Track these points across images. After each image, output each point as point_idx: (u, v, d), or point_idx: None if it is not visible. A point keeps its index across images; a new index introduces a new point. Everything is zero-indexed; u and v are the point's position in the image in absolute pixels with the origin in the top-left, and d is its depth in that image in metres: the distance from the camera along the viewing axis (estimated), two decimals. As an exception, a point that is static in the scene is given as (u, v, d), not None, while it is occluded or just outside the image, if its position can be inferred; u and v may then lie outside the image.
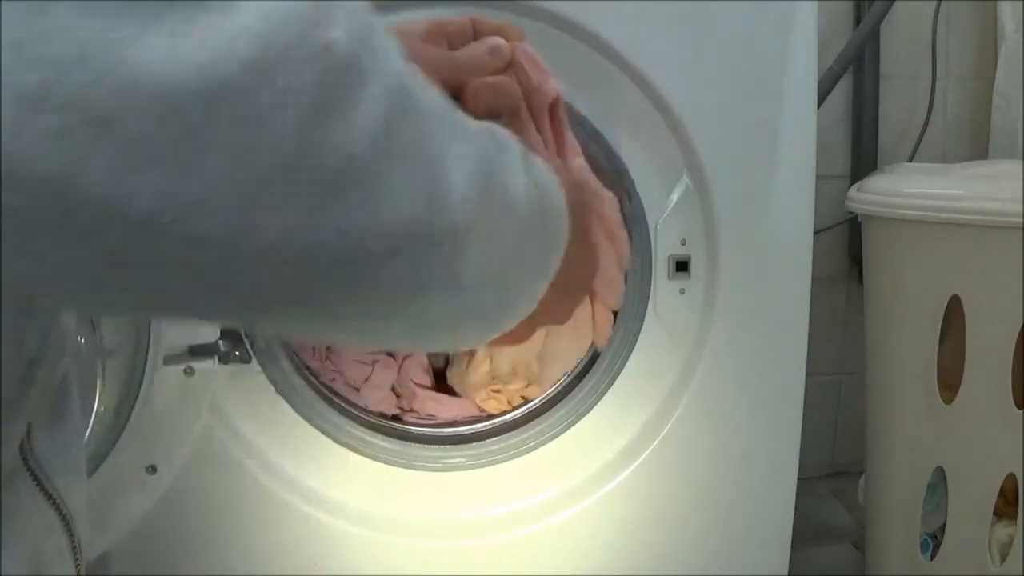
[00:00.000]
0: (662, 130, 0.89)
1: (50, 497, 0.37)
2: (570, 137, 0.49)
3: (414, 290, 0.30)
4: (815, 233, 0.96)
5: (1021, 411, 1.06)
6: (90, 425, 0.80)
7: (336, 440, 0.92)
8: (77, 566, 0.39)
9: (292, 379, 0.90)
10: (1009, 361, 1.06)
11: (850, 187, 1.21)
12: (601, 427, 0.95)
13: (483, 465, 0.95)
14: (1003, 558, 1.11)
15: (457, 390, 1.05)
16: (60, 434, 0.39)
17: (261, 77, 0.23)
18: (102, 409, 0.80)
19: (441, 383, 1.07)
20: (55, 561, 0.37)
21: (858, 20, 1.46)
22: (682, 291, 0.93)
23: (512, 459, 0.95)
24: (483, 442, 0.96)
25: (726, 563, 1.02)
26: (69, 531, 0.38)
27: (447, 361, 1.07)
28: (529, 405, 0.97)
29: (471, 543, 0.96)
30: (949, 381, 1.12)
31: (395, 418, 1.01)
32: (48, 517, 0.37)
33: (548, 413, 0.96)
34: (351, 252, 0.27)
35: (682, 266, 0.93)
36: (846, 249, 1.55)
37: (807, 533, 1.14)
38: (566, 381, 0.97)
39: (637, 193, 0.91)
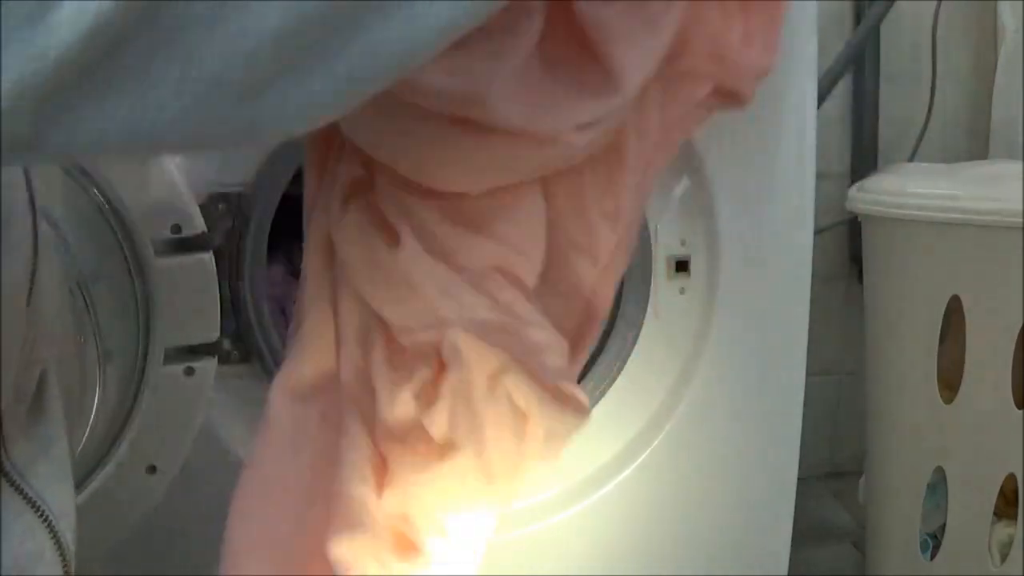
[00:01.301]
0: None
1: (29, 500, 0.37)
2: None
3: None
4: (815, 233, 0.96)
5: (1021, 411, 1.06)
6: (90, 425, 0.80)
7: (336, 440, 0.92)
8: (65, 567, 0.38)
9: (292, 379, 0.90)
10: (1009, 361, 1.06)
11: (850, 187, 1.21)
12: (601, 427, 0.95)
13: (483, 465, 0.95)
14: (1003, 558, 1.11)
15: None
16: (41, 436, 0.39)
17: None
18: (102, 409, 0.80)
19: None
20: (36, 563, 0.37)
21: (858, 20, 1.46)
22: (682, 291, 0.93)
23: (512, 459, 0.95)
24: (483, 442, 0.96)
25: (726, 563, 1.01)
26: (53, 533, 0.38)
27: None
28: (529, 405, 0.97)
29: (471, 543, 0.96)
30: (949, 381, 1.12)
31: (395, 418, 1.00)
32: (27, 520, 0.37)
33: (548, 413, 0.96)
34: None
35: (682, 266, 0.93)
36: (846, 249, 1.55)
37: (807, 533, 1.14)
38: (566, 381, 0.97)
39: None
